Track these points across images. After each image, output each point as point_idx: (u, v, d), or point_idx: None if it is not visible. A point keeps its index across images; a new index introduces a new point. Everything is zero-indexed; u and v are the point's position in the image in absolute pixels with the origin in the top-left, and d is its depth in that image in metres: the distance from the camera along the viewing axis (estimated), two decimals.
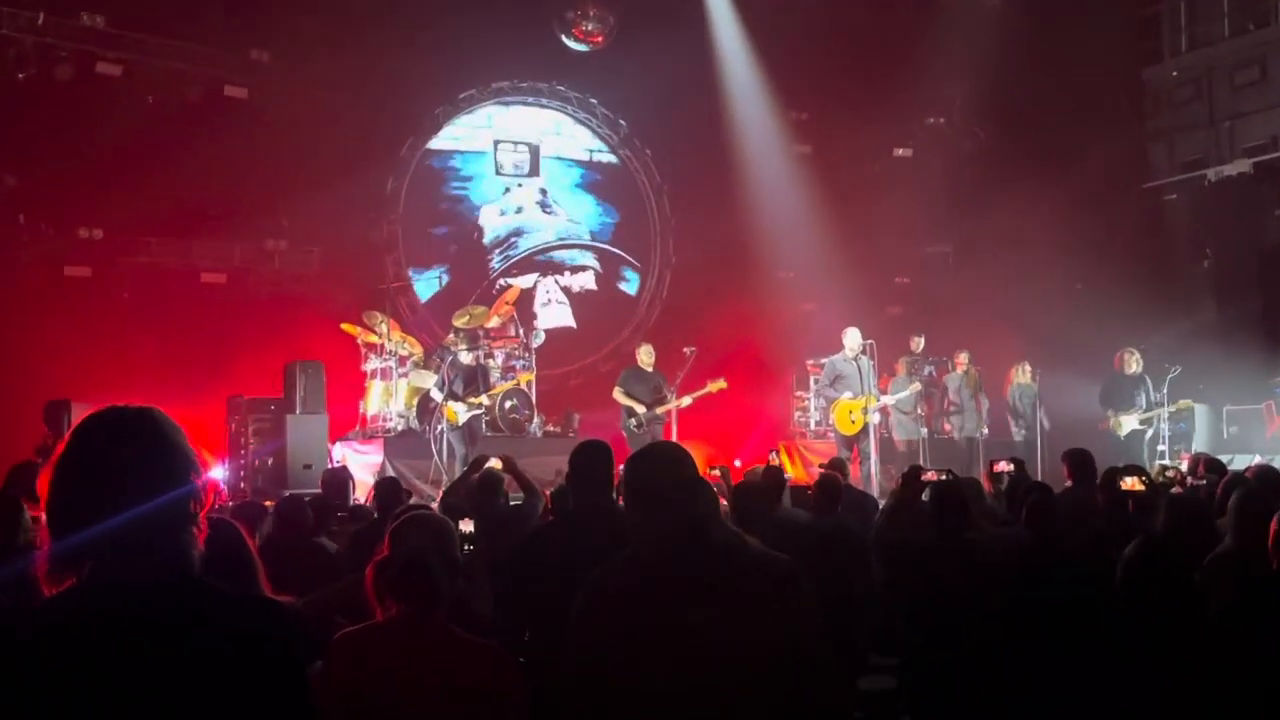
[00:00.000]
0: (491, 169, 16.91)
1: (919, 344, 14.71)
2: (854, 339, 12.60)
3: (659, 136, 17.37)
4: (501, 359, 13.63)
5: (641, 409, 12.35)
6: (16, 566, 3.75)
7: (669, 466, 2.84)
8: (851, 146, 17.60)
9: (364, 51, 14.33)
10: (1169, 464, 11.32)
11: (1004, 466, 8.36)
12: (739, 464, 13.23)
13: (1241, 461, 11.40)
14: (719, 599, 2.65)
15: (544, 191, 17.30)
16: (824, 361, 13.34)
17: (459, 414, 11.92)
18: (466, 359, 12.25)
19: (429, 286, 16.19)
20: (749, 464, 12.22)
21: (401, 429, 13.03)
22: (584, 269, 17.44)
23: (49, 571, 1.90)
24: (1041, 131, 16.40)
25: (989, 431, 14.28)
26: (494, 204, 16.91)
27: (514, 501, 7.89)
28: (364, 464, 12.26)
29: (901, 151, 17.86)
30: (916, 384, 13.58)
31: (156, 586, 1.89)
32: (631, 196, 17.85)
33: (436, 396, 12.22)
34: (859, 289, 16.08)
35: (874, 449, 12.56)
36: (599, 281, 17.52)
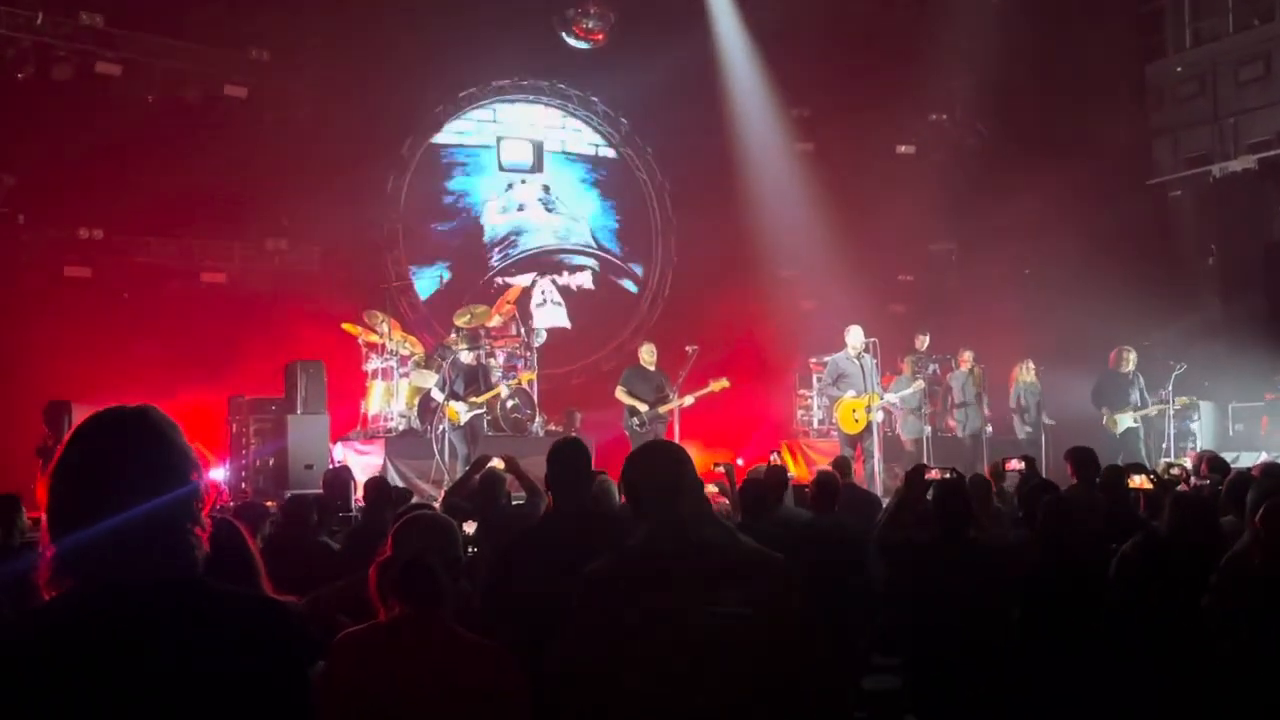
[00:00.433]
0: (495, 164, 16.88)
1: (923, 342, 14.67)
2: (856, 337, 12.56)
3: (660, 134, 17.35)
4: (503, 358, 13.59)
5: (644, 408, 12.31)
6: (13, 567, 3.72)
7: (659, 465, 2.89)
8: (854, 144, 17.56)
9: (364, 50, 14.31)
10: (1174, 461, 11.25)
11: (1015, 465, 8.34)
12: (741, 462, 13.19)
13: (1247, 459, 11.36)
14: (707, 596, 2.66)
15: (547, 189, 17.27)
16: (827, 360, 13.30)
17: (460, 413, 11.88)
18: (467, 358, 12.21)
19: (430, 284, 16.18)
20: (752, 463, 12.18)
21: (403, 429, 13.00)
22: (582, 268, 17.40)
23: (50, 573, 1.90)
24: (1045, 128, 16.36)
25: (993, 430, 14.24)
26: (496, 200, 16.88)
27: (516, 501, 7.86)
28: (365, 464, 12.21)
29: (904, 148, 17.83)
30: (920, 382, 13.54)
31: (159, 586, 1.89)
32: (633, 195, 17.83)
33: (437, 396, 12.18)
34: (862, 287, 16.04)
35: (877, 447, 12.52)
36: (597, 281, 17.48)
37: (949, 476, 6.98)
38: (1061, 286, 14.83)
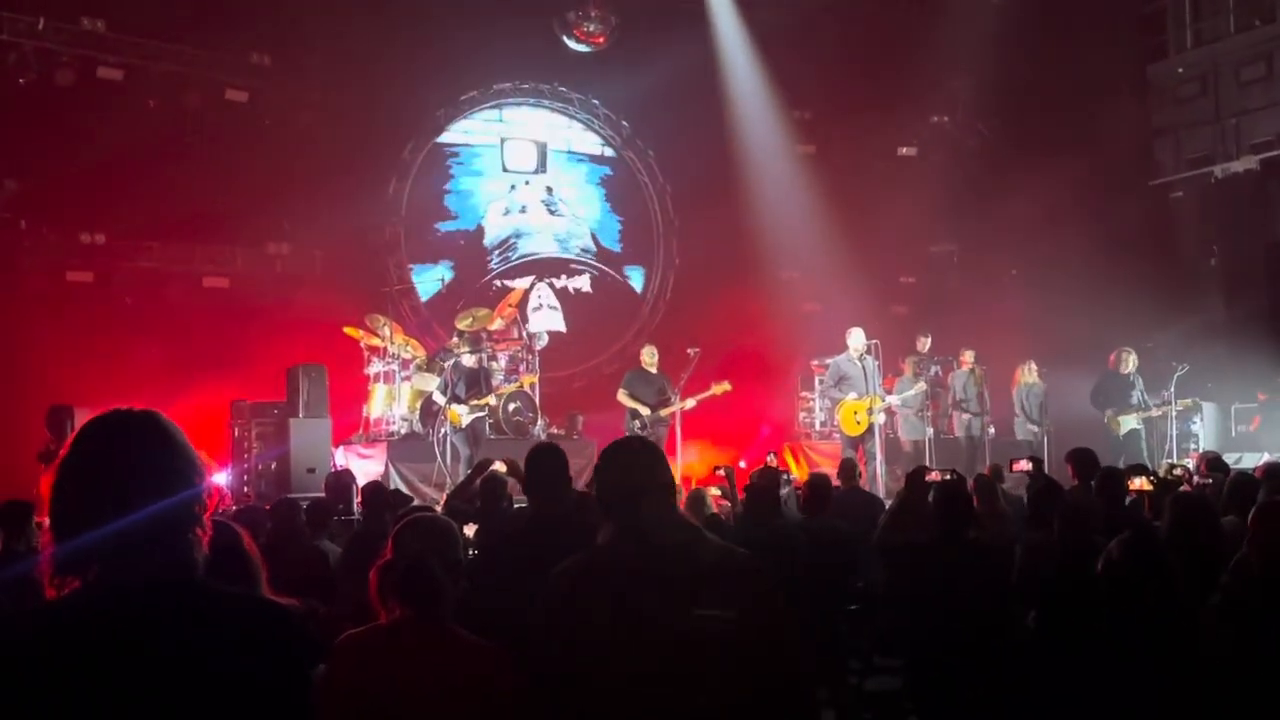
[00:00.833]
0: (499, 166, 16.87)
1: (925, 344, 14.66)
2: (858, 339, 12.56)
3: (661, 137, 17.35)
4: (505, 361, 13.59)
5: (646, 411, 12.31)
6: (21, 569, 3.74)
7: (624, 466, 2.89)
8: (855, 146, 17.56)
9: (365, 54, 14.32)
10: (1176, 463, 11.25)
11: (1023, 465, 8.36)
12: (744, 465, 13.20)
13: (1250, 460, 11.35)
14: (671, 599, 2.66)
15: (550, 190, 17.27)
16: (828, 362, 13.29)
17: (462, 416, 11.88)
18: (469, 361, 12.22)
19: (431, 287, 16.16)
20: (754, 465, 12.19)
21: (405, 432, 12.99)
22: (581, 271, 17.39)
23: (53, 574, 1.90)
24: (1046, 129, 16.35)
25: (995, 431, 14.23)
26: (499, 201, 16.87)
27: (518, 504, 7.86)
28: (367, 468, 12.21)
29: (906, 150, 17.82)
30: (922, 384, 13.52)
31: (160, 587, 1.90)
32: (634, 197, 17.82)
33: (439, 399, 12.18)
34: (863, 289, 16.04)
35: (879, 449, 12.52)
36: (595, 285, 17.46)
37: (950, 478, 6.99)
38: (1063, 287, 14.81)
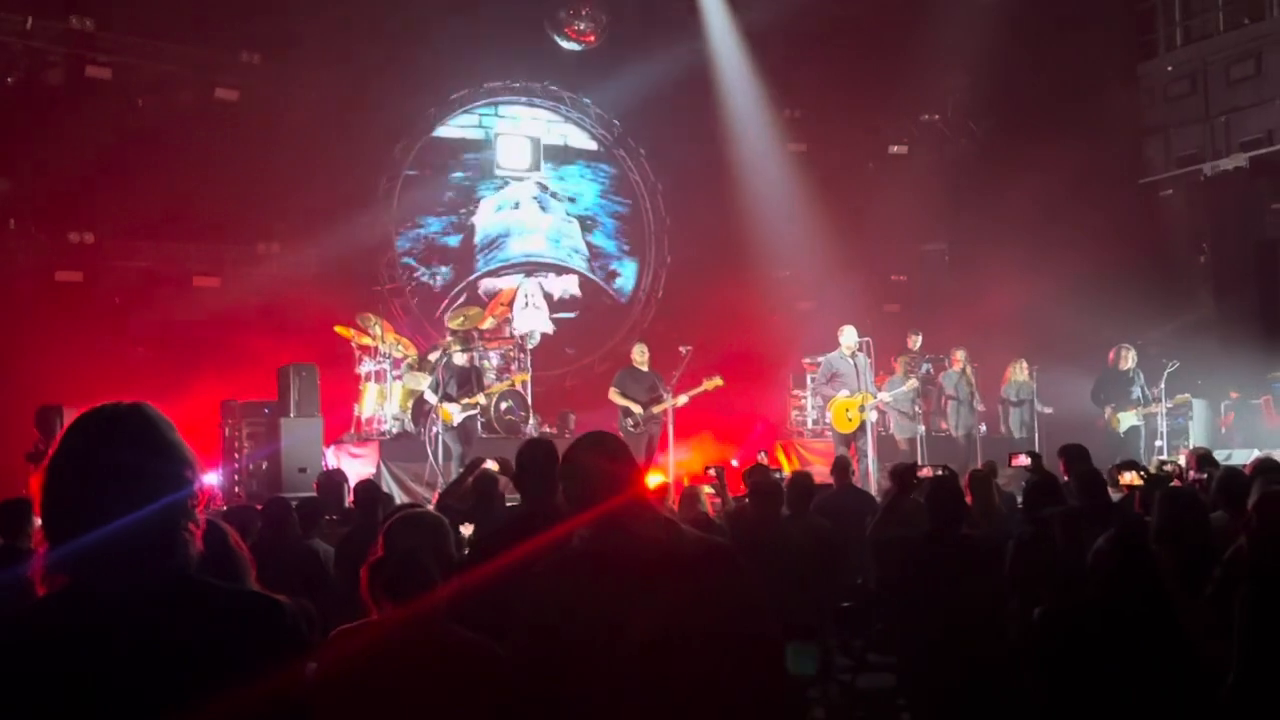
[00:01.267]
0: (492, 163, 16.83)
1: (916, 341, 14.68)
2: (850, 337, 12.58)
3: (652, 135, 17.34)
4: (497, 360, 13.58)
5: (638, 409, 12.30)
6: (19, 570, 3.71)
7: (594, 465, 2.90)
8: (846, 144, 17.60)
9: (355, 52, 14.29)
10: (1167, 459, 11.27)
11: (1022, 461, 8.36)
12: (736, 463, 13.20)
13: (1240, 456, 11.38)
14: (652, 590, 2.68)
15: (543, 186, 17.24)
16: (820, 360, 13.30)
17: (453, 415, 11.87)
18: (461, 360, 12.20)
19: (423, 286, 16.12)
20: (746, 463, 12.19)
21: (396, 431, 12.97)
22: (570, 271, 17.36)
23: (45, 571, 1.89)
24: (1037, 127, 16.36)
25: (986, 429, 14.25)
26: (491, 198, 16.84)
27: (511, 503, 7.84)
28: (359, 467, 12.19)
29: (896, 149, 17.84)
30: (913, 381, 13.54)
31: (153, 584, 1.89)
32: (626, 195, 17.81)
33: (431, 398, 12.17)
34: (855, 287, 16.07)
35: (871, 447, 12.53)
36: (584, 286, 17.43)
37: (942, 474, 6.99)
38: (1054, 285, 14.84)
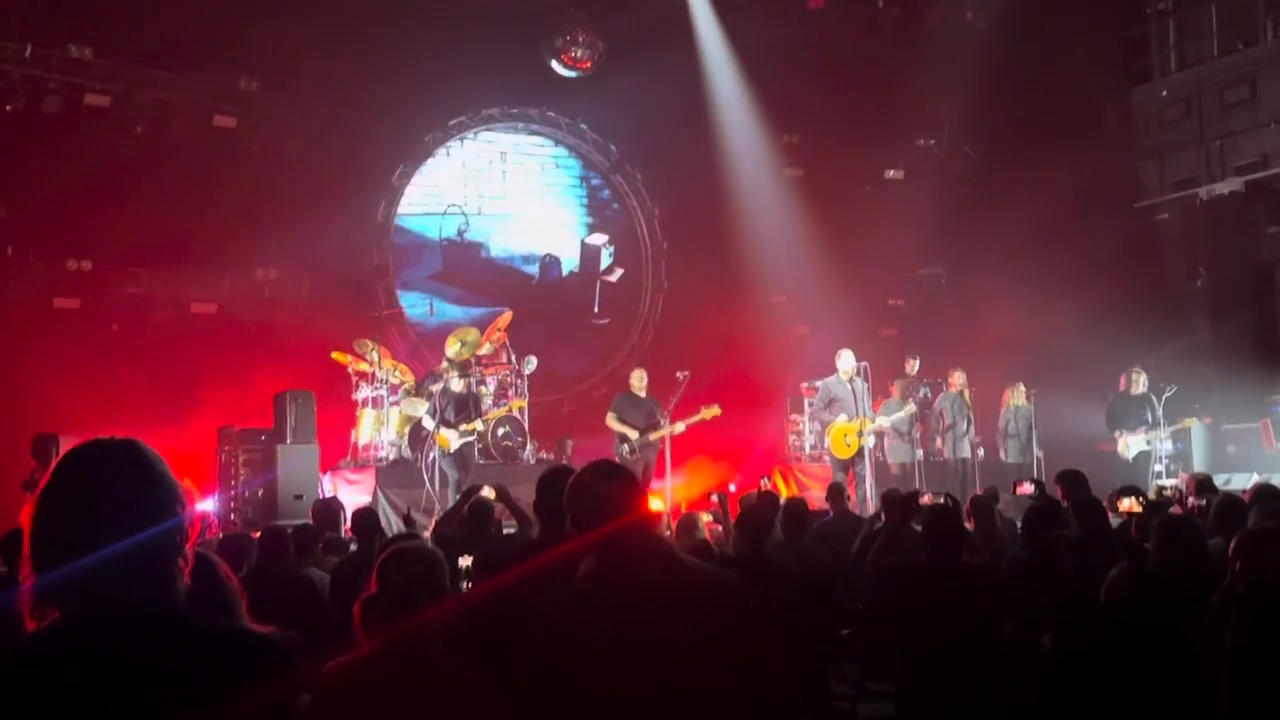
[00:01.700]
0: (489, 189, 16.83)
1: (914, 366, 14.67)
2: (848, 361, 12.57)
3: (650, 161, 17.37)
4: (494, 385, 13.56)
5: (635, 435, 12.28)
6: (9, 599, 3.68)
7: (600, 494, 2.91)
8: (843, 169, 17.65)
9: (353, 79, 14.32)
10: (1166, 484, 11.25)
11: (1026, 489, 8.35)
12: (734, 489, 13.16)
13: (1240, 480, 11.36)
14: (660, 619, 2.69)
15: (538, 213, 17.25)
16: (818, 384, 13.29)
17: (451, 441, 11.84)
18: (458, 386, 12.19)
19: (420, 312, 16.11)
20: (744, 489, 12.16)
21: (393, 458, 12.94)
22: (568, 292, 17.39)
23: (33, 605, 1.88)
24: (1032, 152, 16.41)
25: (985, 453, 14.22)
26: (487, 225, 16.84)
27: (507, 530, 7.82)
28: (355, 493, 12.15)
29: (893, 173, 17.90)
30: (911, 405, 13.51)
31: (140, 619, 1.88)
32: (623, 221, 17.84)
33: (428, 424, 12.14)
34: (852, 311, 16.07)
35: (869, 472, 12.52)
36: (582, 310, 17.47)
37: (943, 502, 6.96)
38: (1050, 310, 14.85)
